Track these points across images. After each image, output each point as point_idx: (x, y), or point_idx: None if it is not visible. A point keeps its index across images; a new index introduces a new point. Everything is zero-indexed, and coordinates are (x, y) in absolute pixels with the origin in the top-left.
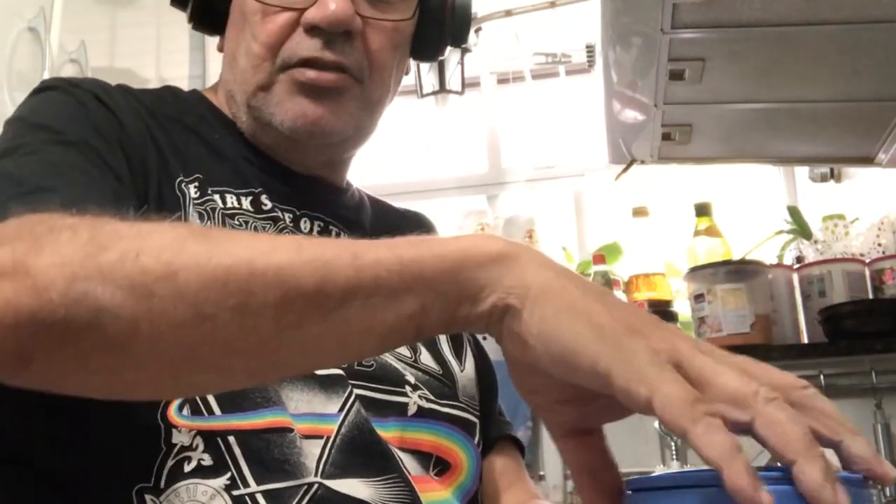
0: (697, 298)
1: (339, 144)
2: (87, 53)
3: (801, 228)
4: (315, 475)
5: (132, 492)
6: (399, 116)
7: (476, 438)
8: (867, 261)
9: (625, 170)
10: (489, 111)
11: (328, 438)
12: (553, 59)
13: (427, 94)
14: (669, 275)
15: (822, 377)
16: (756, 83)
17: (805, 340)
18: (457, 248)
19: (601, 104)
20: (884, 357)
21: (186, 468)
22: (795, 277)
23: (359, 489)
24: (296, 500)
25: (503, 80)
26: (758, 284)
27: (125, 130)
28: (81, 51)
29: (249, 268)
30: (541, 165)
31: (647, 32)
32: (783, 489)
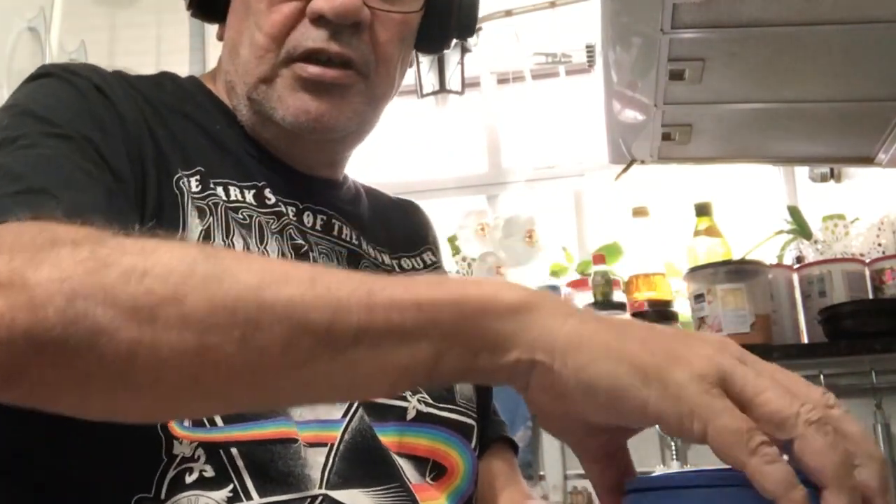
0: (697, 298)
1: (341, 140)
2: (87, 53)
3: (801, 228)
4: (320, 486)
5: (132, 502)
6: (399, 116)
7: (473, 442)
8: (867, 261)
9: (625, 170)
10: (489, 111)
11: (332, 446)
12: (553, 59)
13: (427, 94)
14: (669, 275)
15: (822, 377)
16: (756, 83)
17: (805, 340)
18: (477, 295)
19: (601, 104)
20: (884, 357)
21: (188, 479)
22: (795, 277)
23: (361, 500)
24: None
25: (503, 80)
26: (758, 284)
27: (123, 122)
28: (81, 51)
29: (259, 299)
30: (541, 165)
31: (647, 32)
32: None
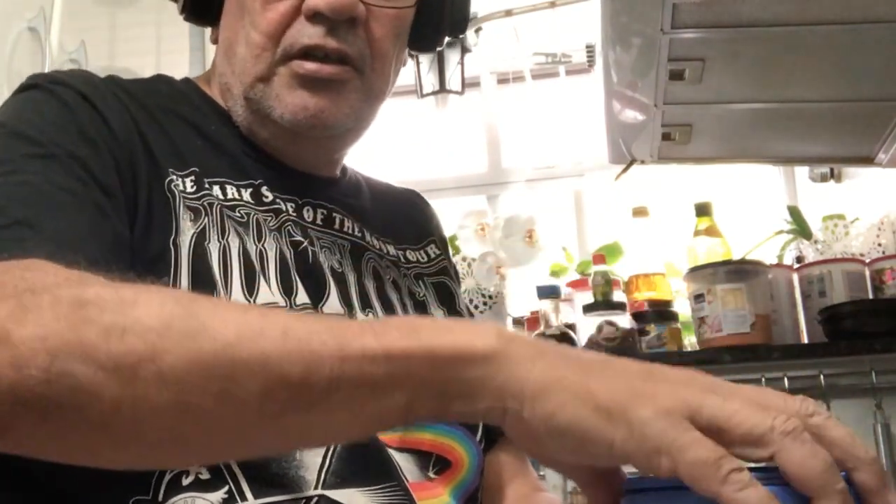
0: (697, 298)
1: (339, 137)
2: (87, 53)
3: (801, 228)
4: (315, 487)
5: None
6: (399, 116)
7: (478, 434)
8: (867, 261)
9: (625, 170)
10: (489, 111)
11: (330, 447)
12: (553, 59)
13: (427, 94)
14: (669, 275)
15: (822, 377)
16: (756, 83)
17: (805, 340)
18: (449, 344)
19: (601, 104)
20: (884, 357)
21: (184, 482)
22: (795, 277)
23: (359, 500)
24: None
25: (503, 80)
26: (758, 284)
27: (112, 131)
28: (81, 51)
29: (233, 355)
30: (541, 165)
31: (647, 32)
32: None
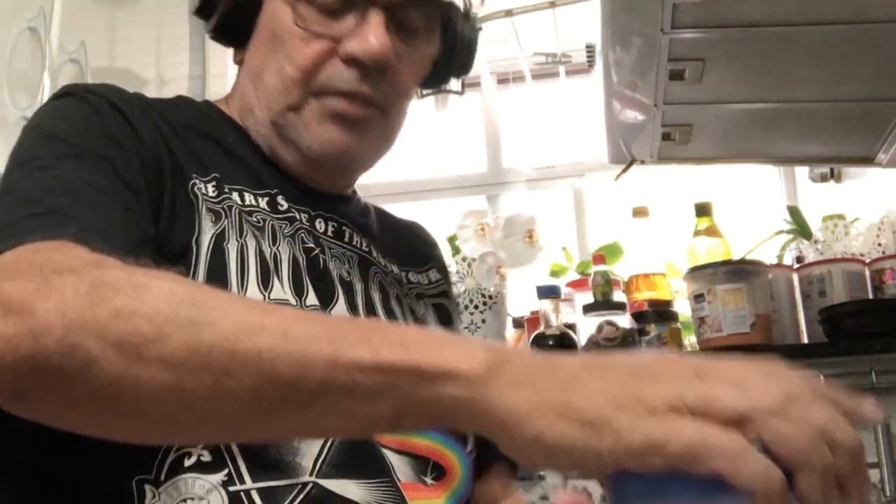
0: (697, 298)
1: (357, 169)
2: (87, 53)
3: (801, 228)
4: (311, 474)
5: (132, 482)
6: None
7: (468, 446)
8: (867, 261)
9: (625, 170)
10: (489, 111)
11: (329, 438)
12: (553, 59)
13: (427, 94)
14: (669, 275)
15: (822, 377)
16: (756, 83)
17: (805, 340)
18: (435, 363)
19: (601, 104)
20: (884, 357)
21: (186, 463)
22: (795, 277)
23: (351, 490)
24: (290, 498)
25: (503, 80)
26: (758, 284)
27: (140, 137)
28: (81, 51)
29: (232, 348)
30: (541, 165)
31: (647, 32)
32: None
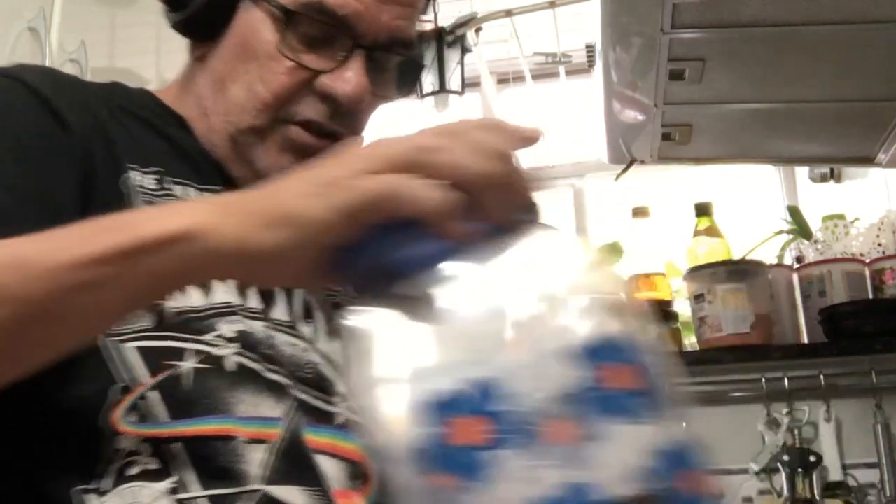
0: (697, 298)
1: None
2: (87, 53)
3: (801, 228)
4: (258, 482)
5: (74, 491)
6: (399, 116)
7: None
8: (867, 261)
9: (625, 170)
10: (489, 111)
11: (273, 444)
12: (553, 59)
13: (427, 94)
14: (669, 275)
15: (822, 377)
16: (756, 83)
17: (805, 340)
18: (152, 232)
19: (601, 104)
20: (884, 357)
21: (131, 471)
22: (795, 277)
23: (296, 497)
24: None
25: (503, 80)
26: (758, 284)
27: (67, 127)
28: (81, 51)
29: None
30: (541, 165)
31: (647, 32)
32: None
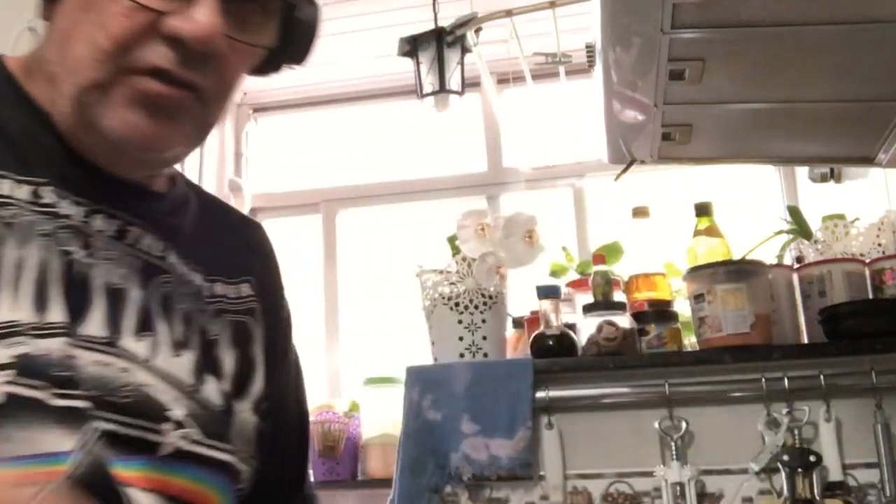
0: (697, 298)
1: (166, 162)
2: None
3: (801, 228)
4: None
5: None
6: (399, 116)
7: (241, 483)
8: (867, 261)
9: (625, 170)
10: (489, 111)
11: (53, 483)
12: (553, 59)
13: (427, 94)
14: (669, 275)
15: (822, 377)
16: (756, 83)
17: (805, 340)
18: None
19: (601, 104)
20: (884, 357)
21: None
22: (795, 277)
23: None
24: None
25: (503, 80)
26: (758, 284)
27: None
28: None
29: None
30: (541, 165)
31: (647, 32)
32: None
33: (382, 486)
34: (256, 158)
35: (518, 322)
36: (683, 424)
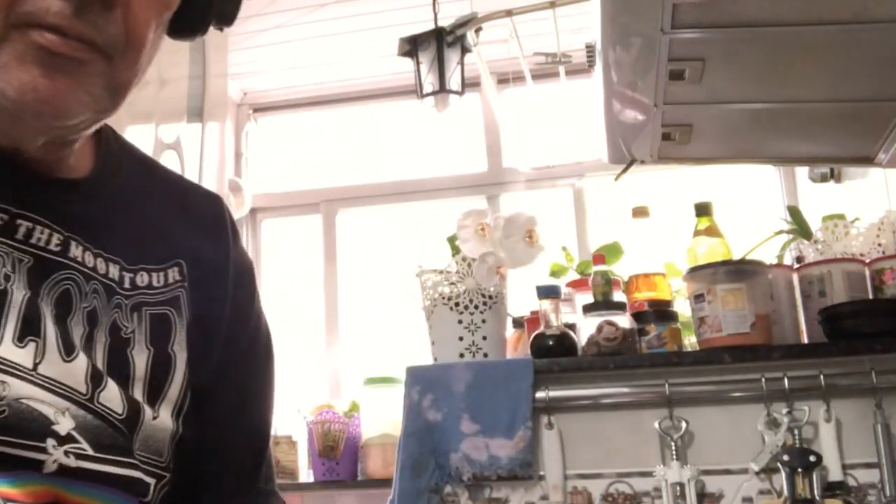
0: (697, 298)
1: (71, 128)
2: None
3: (801, 228)
4: None
5: None
6: (399, 116)
7: (149, 497)
8: (867, 261)
9: (625, 170)
10: (489, 111)
11: None
12: (553, 59)
13: (427, 94)
14: (669, 275)
15: (822, 377)
16: (756, 83)
17: (805, 340)
18: None
19: (601, 104)
20: (884, 357)
21: None
22: (795, 277)
23: None
24: None
25: (503, 80)
26: (758, 284)
27: None
28: None
29: None
30: (541, 165)
31: (647, 32)
32: None
33: (382, 486)
34: (256, 158)
35: (518, 322)
36: (683, 424)
